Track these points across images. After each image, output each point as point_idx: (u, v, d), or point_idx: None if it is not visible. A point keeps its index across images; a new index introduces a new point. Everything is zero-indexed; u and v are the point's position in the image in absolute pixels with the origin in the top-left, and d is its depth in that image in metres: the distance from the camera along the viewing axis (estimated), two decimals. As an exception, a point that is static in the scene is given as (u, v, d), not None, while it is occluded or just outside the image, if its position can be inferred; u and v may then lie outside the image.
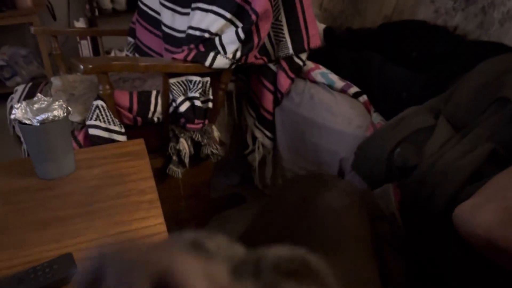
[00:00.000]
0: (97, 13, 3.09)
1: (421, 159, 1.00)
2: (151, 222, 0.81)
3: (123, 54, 1.99)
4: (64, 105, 0.92)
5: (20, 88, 1.54)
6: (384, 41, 1.59)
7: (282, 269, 0.31)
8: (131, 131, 1.30)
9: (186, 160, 1.40)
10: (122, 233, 0.78)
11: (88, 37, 3.01)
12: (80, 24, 3.03)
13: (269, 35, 1.46)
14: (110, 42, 3.24)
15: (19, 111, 0.89)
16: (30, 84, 1.57)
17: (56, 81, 1.50)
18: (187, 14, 1.50)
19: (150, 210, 0.85)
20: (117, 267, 0.24)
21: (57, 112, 0.90)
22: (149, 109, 1.32)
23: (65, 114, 0.92)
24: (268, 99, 1.53)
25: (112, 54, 3.22)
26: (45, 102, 0.92)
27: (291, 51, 1.45)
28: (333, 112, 1.34)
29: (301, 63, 1.50)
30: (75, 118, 1.27)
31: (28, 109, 0.89)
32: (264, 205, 0.82)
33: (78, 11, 3.30)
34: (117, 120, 1.26)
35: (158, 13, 1.67)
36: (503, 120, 0.97)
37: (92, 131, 1.21)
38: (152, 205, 0.86)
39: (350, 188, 0.78)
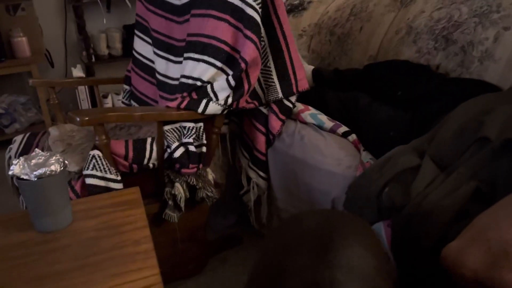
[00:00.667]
0: (93, 59, 3.19)
1: (408, 199, 1.03)
2: (147, 273, 0.83)
3: (120, 97, 2.04)
4: (61, 159, 0.95)
5: (18, 139, 1.58)
6: (370, 81, 1.65)
7: None
8: (127, 178, 1.34)
9: (182, 204, 1.42)
10: (119, 286, 0.80)
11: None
12: (78, 70, 3.11)
13: (259, 80, 1.51)
14: (107, 86, 3.32)
15: (17, 167, 0.93)
16: (28, 134, 1.61)
17: (53, 131, 1.55)
18: (180, 62, 1.56)
19: (146, 261, 0.87)
20: None
21: (54, 166, 0.93)
22: (144, 156, 1.35)
23: (62, 168, 0.95)
24: (260, 141, 1.57)
25: (109, 98, 3.29)
26: (42, 157, 0.95)
27: (280, 95, 1.50)
28: (323, 153, 1.38)
29: (291, 105, 1.55)
30: (73, 168, 1.31)
31: (25, 165, 0.93)
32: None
33: (75, 58, 3.40)
34: (113, 169, 1.29)
35: (152, 62, 1.74)
36: (484, 159, 1.01)
37: (88, 181, 1.24)
38: (148, 256, 0.88)
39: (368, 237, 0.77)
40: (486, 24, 1.50)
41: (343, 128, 1.47)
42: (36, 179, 0.91)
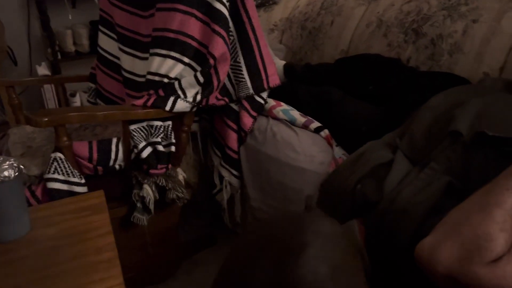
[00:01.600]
0: (59, 56, 3.07)
1: (381, 196, 1.01)
2: (111, 283, 0.79)
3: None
4: (15, 164, 0.89)
5: (-25, 142, 1.49)
6: (341, 76, 1.63)
7: None
8: (92, 181, 1.28)
9: (151, 207, 1.37)
10: (79, 299, 0.75)
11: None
12: (43, 68, 2.99)
13: (229, 76, 1.47)
14: (75, 84, 3.21)
15: (-33, 174, 0.86)
16: (-14, 136, 1.52)
17: (13, 134, 1.47)
18: (146, 58, 1.50)
19: (109, 270, 0.82)
20: None
21: (8, 172, 0.87)
22: (110, 157, 1.30)
23: (17, 173, 0.89)
24: (232, 138, 1.53)
25: (77, 97, 3.18)
26: (-5, 163, 0.89)
27: (251, 90, 1.47)
28: (295, 150, 1.35)
29: (262, 101, 1.52)
30: (33, 172, 1.24)
31: (-23, 171, 0.86)
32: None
33: (40, 55, 3.27)
34: (76, 171, 1.23)
35: (118, 58, 1.67)
36: (456, 153, 1.00)
37: (50, 185, 1.18)
38: (111, 264, 0.84)
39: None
40: (455, 16, 1.50)
41: (315, 124, 1.44)
42: (-13, 186, 0.85)
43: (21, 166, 0.91)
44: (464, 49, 1.45)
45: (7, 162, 0.89)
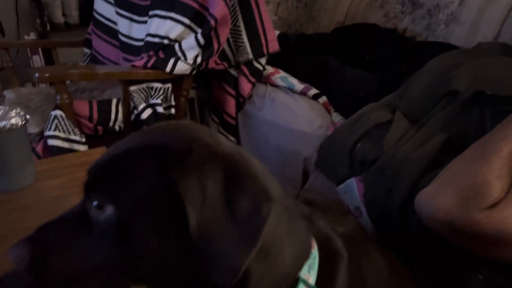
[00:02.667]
0: (48, 27, 3.01)
1: (381, 152, 1.04)
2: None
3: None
4: (22, 113, 0.89)
5: (-30, 103, 1.47)
6: (338, 45, 1.65)
7: None
8: (92, 141, 1.28)
9: (150, 168, 1.38)
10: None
11: (41, 52, 2.91)
12: (31, 39, 2.93)
13: (228, 40, 1.48)
14: (64, 56, 3.15)
15: (-28, 121, 0.86)
16: (-20, 98, 1.51)
17: (9, 94, 1.45)
18: (144, 22, 1.49)
19: (118, 215, 0.83)
20: None
21: (15, 120, 0.87)
22: (110, 117, 1.30)
23: (23, 122, 0.89)
24: (230, 104, 1.55)
25: (66, 68, 3.14)
26: (1, 111, 0.89)
27: (250, 55, 1.47)
28: (294, 113, 1.37)
29: (261, 67, 1.52)
30: (33, 129, 1.23)
31: (-18, 119, 0.86)
32: None
33: (28, 26, 3.19)
34: (77, 130, 1.23)
35: (114, 23, 1.65)
36: (454, 111, 1.03)
37: (51, 142, 1.18)
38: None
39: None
40: (452, -14, 1.53)
41: (313, 91, 1.46)
42: (-6, 133, 0.85)
43: (27, 116, 0.91)
44: (460, 19, 1.48)
45: (14, 111, 0.89)
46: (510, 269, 0.83)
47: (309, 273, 0.53)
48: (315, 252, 0.55)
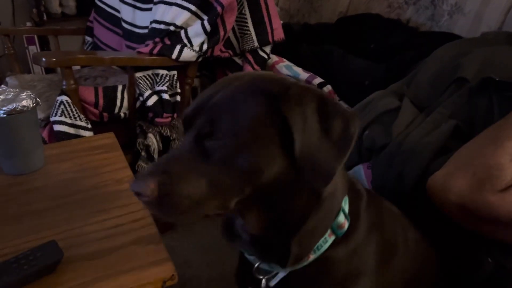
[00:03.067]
0: (45, 17, 2.97)
1: (389, 139, 1.04)
2: (134, 208, 0.80)
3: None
4: (32, 95, 0.88)
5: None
6: (342, 35, 1.65)
7: None
8: (98, 128, 1.27)
9: (156, 156, 1.38)
10: (105, 221, 0.76)
11: (37, 42, 2.88)
12: (28, 28, 2.90)
13: (233, 29, 1.47)
14: (63, 47, 3.11)
15: (-17, 103, 0.85)
16: (-18, 85, 1.49)
17: (12, 81, 1.44)
18: (149, 9, 1.48)
19: (131, 197, 0.82)
20: None
21: (26, 102, 0.86)
22: (115, 104, 1.29)
23: (34, 104, 0.88)
24: (234, 93, 1.54)
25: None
26: (11, 93, 0.88)
27: (256, 43, 1.47)
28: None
29: (265, 56, 1.52)
30: (38, 115, 1.22)
31: (-7, 101, 0.85)
32: None
33: (23, 16, 3.15)
34: (83, 116, 1.22)
35: (117, 10, 1.64)
36: (462, 98, 1.03)
37: (57, 127, 1.17)
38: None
39: None
40: (457, -23, 1.53)
41: (318, 79, 1.46)
42: (5, 115, 0.84)
43: (38, 99, 0.90)
44: (464, 9, 1.48)
45: (25, 93, 0.88)
46: (520, 252, 0.84)
47: (345, 205, 0.65)
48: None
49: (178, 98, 1.38)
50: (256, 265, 0.65)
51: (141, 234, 0.74)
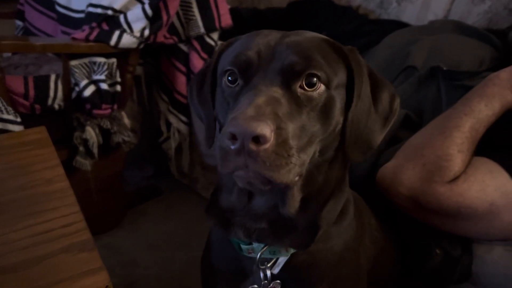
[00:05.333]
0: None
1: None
2: (66, 212, 0.72)
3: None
4: None
5: None
6: (292, 21, 1.61)
7: None
8: (29, 121, 1.15)
9: (95, 150, 1.28)
10: (32, 226, 0.68)
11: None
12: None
13: (178, 14, 1.39)
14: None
15: None
16: None
17: None
18: (85, -8, 1.37)
19: (63, 199, 0.75)
20: None
21: None
22: (48, 95, 1.18)
23: None
24: (181, 82, 1.47)
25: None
26: None
27: (202, 29, 1.40)
28: (249, 90, 1.33)
29: (213, 43, 1.46)
30: (-43, 108, 1.09)
31: None
32: None
33: None
34: (11, 109, 1.11)
35: (50, -8, 1.51)
36: (411, 87, 1.03)
37: (-20, 122, 1.05)
38: (65, 194, 0.77)
39: None
40: (404, -36, 1.53)
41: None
42: None
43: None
44: (411, -3, 1.49)
45: None
46: (467, 242, 0.85)
47: None
48: None
49: (119, 87, 1.29)
50: (259, 254, 0.60)
51: (73, 241, 0.66)
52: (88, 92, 1.22)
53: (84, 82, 1.22)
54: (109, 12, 1.23)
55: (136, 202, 1.67)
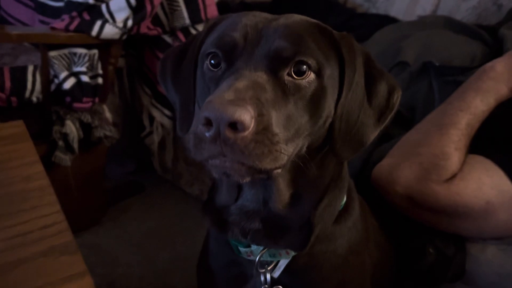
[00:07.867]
0: None
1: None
2: (45, 211, 0.68)
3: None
4: None
5: None
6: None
7: None
8: (5, 114, 1.10)
9: (75, 145, 1.23)
10: (8, 228, 0.64)
11: None
12: None
13: (162, 4, 1.34)
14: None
15: None
16: None
17: None
18: (65, -21, 1.31)
19: (42, 198, 0.71)
20: None
21: None
22: (25, 87, 1.13)
23: None
24: (164, 75, 1.42)
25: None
26: None
27: (187, 21, 1.36)
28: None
29: (198, 35, 1.41)
30: None
31: None
32: None
33: None
34: (-16, 101, 1.05)
35: (27, -21, 1.44)
36: (403, 82, 1.01)
37: (-49, 115, 0.99)
38: (44, 192, 0.72)
39: None
40: (393, -42, 1.52)
41: (254, 61, 1.38)
42: None
43: None
44: (400, -9, 1.47)
45: None
46: (460, 241, 0.84)
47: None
48: None
49: (100, 80, 1.24)
50: (258, 256, 0.57)
51: (53, 243, 0.62)
52: (68, 84, 1.17)
53: (63, 74, 1.16)
54: (91, 1, 1.18)
55: (117, 199, 1.62)
